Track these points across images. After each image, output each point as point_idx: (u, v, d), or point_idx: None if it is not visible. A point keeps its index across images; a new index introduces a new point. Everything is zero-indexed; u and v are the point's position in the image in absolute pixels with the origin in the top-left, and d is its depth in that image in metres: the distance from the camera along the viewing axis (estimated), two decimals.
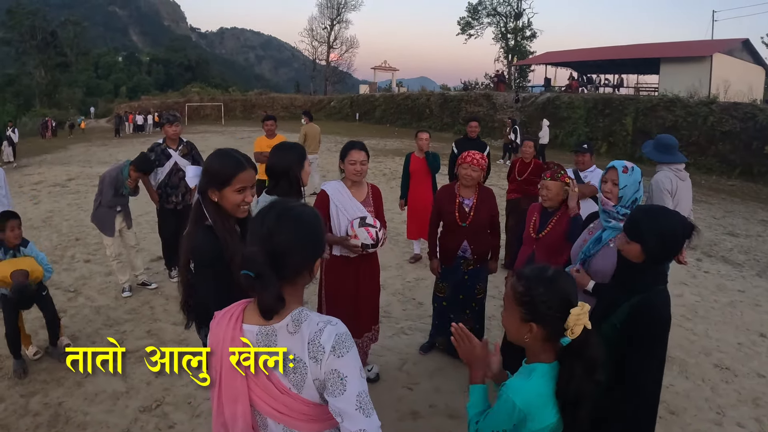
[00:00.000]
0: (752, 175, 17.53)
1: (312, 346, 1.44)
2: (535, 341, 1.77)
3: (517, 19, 52.21)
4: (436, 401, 3.93)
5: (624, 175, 2.93)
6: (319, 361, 1.43)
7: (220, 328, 1.56)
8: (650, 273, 2.31)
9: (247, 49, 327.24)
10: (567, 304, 1.69)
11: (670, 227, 2.22)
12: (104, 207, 5.73)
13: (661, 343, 2.29)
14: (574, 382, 1.67)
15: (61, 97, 66.26)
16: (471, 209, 4.18)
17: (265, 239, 1.46)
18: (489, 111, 29.51)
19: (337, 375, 1.43)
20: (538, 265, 1.88)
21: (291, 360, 1.45)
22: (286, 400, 1.47)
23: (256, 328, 1.51)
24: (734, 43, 30.36)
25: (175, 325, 5.15)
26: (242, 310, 1.57)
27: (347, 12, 65.57)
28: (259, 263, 1.42)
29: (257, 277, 1.42)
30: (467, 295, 4.31)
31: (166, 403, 3.89)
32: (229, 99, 52.67)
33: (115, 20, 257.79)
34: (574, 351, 1.69)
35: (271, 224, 1.48)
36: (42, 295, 4.46)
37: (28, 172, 16.65)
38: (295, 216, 1.52)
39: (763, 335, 5.46)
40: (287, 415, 1.48)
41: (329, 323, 1.48)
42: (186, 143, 6.22)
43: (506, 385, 1.77)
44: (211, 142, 24.97)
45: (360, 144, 3.78)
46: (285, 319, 1.49)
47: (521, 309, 1.76)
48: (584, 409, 1.68)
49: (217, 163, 2.21)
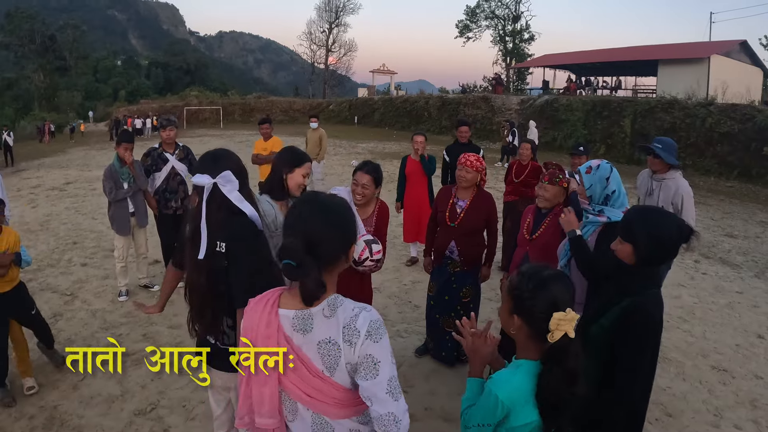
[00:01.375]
0: (750, 176, 17.54)
1: (347, 330, 1.51)
2: (521, 336, 1.79)
3: (515, 22, 52.34)
4: (432, 404, 3.92)
5: (587, 176, 3.03)
6: (354, 344, 1.50)
7: (255, 313, 1.62)
8: (643, 275, 2.30)
9: (245, 52, 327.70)
10: (552, 307, 1.68)
11: (664, 230, 2.19)
12: (115, 204, 5.72)
13: (651, 346, 2.27)
14: (550, 388, 1.68)
15: (60, 101, 66.21)
16: (462, 211, 4.19)
17: (302, 230, 1.55)
18: (487, 114, 29.55)
19: (371, 360, 1.50)
20: (540, 264, 1.89)
21: (326, 343, 1.52)
22: (317, 383, 1.54)
23: (292, 312, 1.58)
24: (732, 44, 30.41)
25: (171, 328, 5.14)
26: (278, 296, 1.64)
27: (345, 15, 65.85)
28: (299, 252, 1.50)
29: (298, 265, 1.49)
30: (452, 296, 4.31)
31: (161, 407, 3.88)
32: (227, 103, 52.63)
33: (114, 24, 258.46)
34: (554, 356, 1.69)
35: (306, 215, 1.58)
36: (31, 314, 4.19)
37: (27, 176, 16.65)
38: (326, 206, 1.62)
39: (761, 336, 5.45)
40: (317, 399, 1.55)
41: (364, 309, 1.56)
42: (182, 147, 6.17)
43: (492, 379, 1.78)
44: (210, 145, 24.90)
45: (370, 167, 3.69)
46: (321, 304, 1.56)
47: (510, 301, 1.80)
48: (564, 416, 1.68)
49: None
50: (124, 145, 5.66)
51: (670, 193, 4.43)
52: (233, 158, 2.38)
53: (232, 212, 2.26)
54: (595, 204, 3.03)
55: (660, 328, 2.31)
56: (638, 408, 2.38)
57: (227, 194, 2.23)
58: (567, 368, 1.66)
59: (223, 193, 2.25)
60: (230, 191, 2.23)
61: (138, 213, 5.87)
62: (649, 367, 2.32)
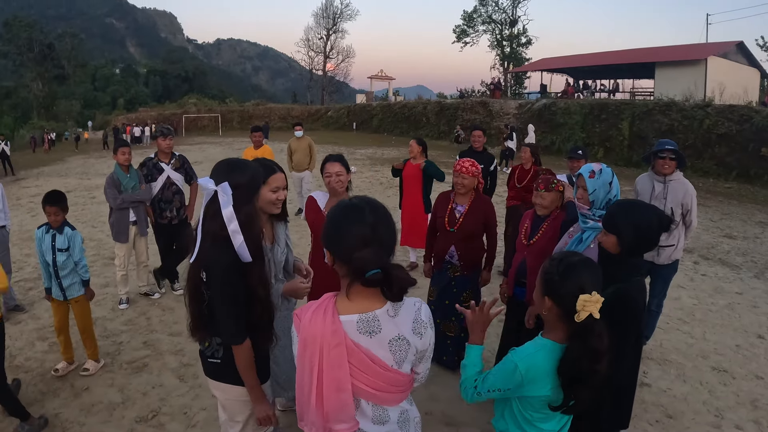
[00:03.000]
0: (749, 177, 17.55)
1: (416, 324, 1.65)
2: (551, 316, 1.95)
3: (512, 26, 52.49)
4: (433, 408, 3.92)
5: (591, 180, 2.99)
6: (423, 335, 1.67)
7: (316, 324, 1.62)
8: (627, 264, 2.44)
9: (243, 59, 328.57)
10: (579, 290, 1.83)
11: (644, 220, 2.35)
12: (117, 211, 5.72)
13: (634, 331, 2.42)
14: (574, 363, 1.81)
15: (59, 110, 66.26)
16: (461, 216, 4.22)
17: (372, 236, 1.59)
18: (485, 118, 29.57)
19: (432, 344, 1.72)
20: (571, 251, 2.10)
21: (396, 340, 1.62)
22: (387, 377, 1.63)
23: (355, 317, 1.62)
24: (728, 46, 30.51)
25: (171, 336, 5.15)
26: (334, 303, 1.66)
27: (343, 22, 66.16)
28: (381, 258, 1.55)
29: (384, 270, 1.54)
30: (453, 301, 4.31)
31: (163, 414, 3.88)
32: (226, 110, 52.81)
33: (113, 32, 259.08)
34: (579, 335, 1.83)
35: (371, 221, 1.61)
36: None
37: (26, 185, 16.66)
38: (382, 208, 1.68)
39: (761, 337, 5.45)
40: (384, 392, 1.65)
41: (421, 302, 1.71)
42: (178, 156, 6.17)
43: (514, 350, 1.94)
44: (208, 153, 25.06)
45: (336, 156, 3.79)
46: (386, 305, 1.63)
47: (542, 284, 1.97)
48: (585, 391, 1.83)
49: None
50: (122, 150, 5.69)
51: (679, 195, 4.49)
52: (249, 171, 2.25)
53: (217, 237, 2.15)
54: (596, 209, 3.00)
55: (642, 312, 2.46)
56: (625, 391, 2.55)
57: (222, 207, 2.13)
58: (591, 346, 1.80)
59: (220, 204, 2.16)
60: (224, 205, 2.13)
61: (139, 222, 5.87)
62: (633, 351, 2.47)
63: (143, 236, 6.00)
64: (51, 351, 4.86)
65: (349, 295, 1.63)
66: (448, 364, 4.46)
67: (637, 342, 2.47)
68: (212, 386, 2.44)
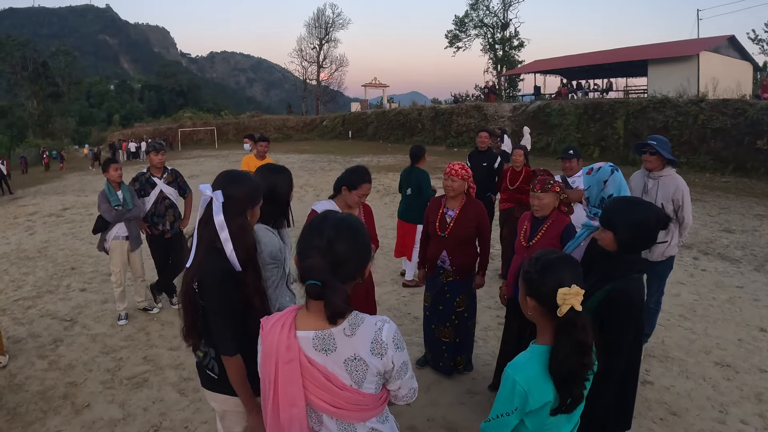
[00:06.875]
0: (746, 170, 17.56)
1: (375, 344, 1.59)
2: (536, 315, 1.91)
3: (504, 30, 52.68)
4: (434, 414, 3.90)
5: (587, 177, 3.04)
6: (384, 356, 1.59)
7: (272, 336, 1.62)
8: (625, 261, 2.43)
9: (237, 72, 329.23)
10: (558, 285, 1.79)
11: (641, 217, 2.33)
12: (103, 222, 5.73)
13: (633, 327, 2.38)
14: (563, 360, 1.77)
15: (55, 127, 66.43)
16: (452, 220, 4.18)
17: (326, 249, 1.57)
18: (480, 122, 29.59)
19: (402, 365, 1.65)
20: (547, 249, 2.04)
21: (352, 360, 1.58)
22: (345, 395, 1.59)
23: (312, 333, 1.60)
24: (720, 40, 30.60)
25: (171, 350, 5.12)
26: (293, 317, 1.64)
27: (335, 31, 66.38)
28: (324, 272, 1.53)
29: (323, 285, 1.52)
30: (446, 306, 4.29)
31: (164, 429, 3.85)
32: (221, 123, 52.86)
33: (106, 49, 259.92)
34: (563, 330, 1.79)
35: (330, 235, 1.58)
36: None
37: (23, 203, 16.65)
38: (350, 225, 1.64)
39: (764, 330, 5.43)
40: (344, 409, 1.60)
41: (384, 321, 1.64)
42: (171, 171, 6.17)
43: (509, 365, 1.88)
44: (205, 166, 25.08)
45: (370, 177, 3.74)
46: (343, 323, 1.59)
47: (523, 284, 1.94)
48: (577, 387, 1.79)
49: None
50: (113, 166, 5.73)
51: (669, 191, 4.45)
52: (249, 184, 2.25)
53: (210, 245, 2.14)
54: (591, 206, 3.02)
55: (641, 310, 2.43)
56: (626, 390, 2.52)
57: (213, 215, 2.12)
58: (576, 340, 1.76)
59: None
60: (216, 213, 2.12)
61: (131, 237, 5.86)
62: (634, 346, 2.45)
63: (134, 251, 5.98)
64: (51, 369, 4.83)
65: (309, 308, 1.63)
66: (444, 370, 4.44)
67: (636, 340, 2.44)
68: (209, 397, 2.42)
